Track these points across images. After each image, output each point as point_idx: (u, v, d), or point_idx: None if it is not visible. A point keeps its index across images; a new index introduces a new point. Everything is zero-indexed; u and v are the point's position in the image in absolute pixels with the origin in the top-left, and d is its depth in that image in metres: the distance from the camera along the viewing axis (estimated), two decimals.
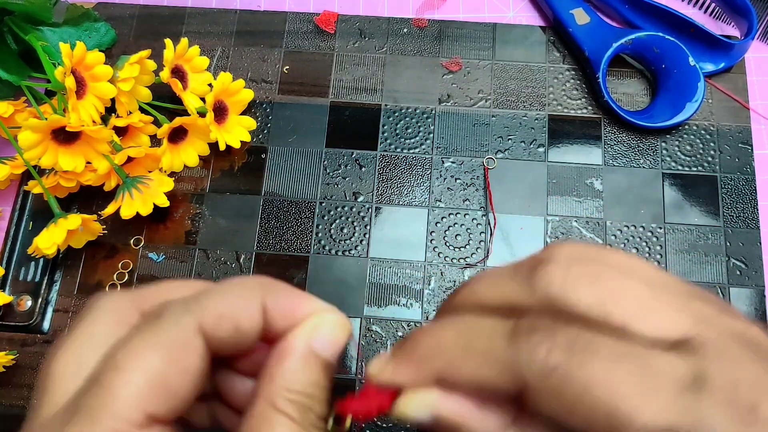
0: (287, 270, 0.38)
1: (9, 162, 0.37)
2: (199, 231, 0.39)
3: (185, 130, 0.38)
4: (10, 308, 0.37)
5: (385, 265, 0.38)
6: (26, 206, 0.39)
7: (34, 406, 0.18)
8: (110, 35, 0.43)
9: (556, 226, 0.38)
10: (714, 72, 0.40)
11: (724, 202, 0.38)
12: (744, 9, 0.39)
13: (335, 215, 0.39)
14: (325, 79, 0.42)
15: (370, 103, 0.41)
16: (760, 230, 0.38)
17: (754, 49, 0.42)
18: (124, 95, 0.37)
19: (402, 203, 0.39)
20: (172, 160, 0.38)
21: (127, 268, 0.38)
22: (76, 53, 0.34)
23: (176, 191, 0.39)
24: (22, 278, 0.38)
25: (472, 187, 0.39)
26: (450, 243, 0.38)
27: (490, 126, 0.40)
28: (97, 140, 0.35)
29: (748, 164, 0.39)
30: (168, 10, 0.44)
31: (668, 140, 0.40)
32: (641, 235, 0.38)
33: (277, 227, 0.39)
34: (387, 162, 0.40)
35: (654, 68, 0.40)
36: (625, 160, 0.39)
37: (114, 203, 0.36)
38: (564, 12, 0.41)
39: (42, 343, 0.37)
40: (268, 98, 0.42)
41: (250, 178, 0.40)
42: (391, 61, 0.42)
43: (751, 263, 0.37)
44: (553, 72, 0.42)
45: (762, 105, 0.41)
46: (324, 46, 0.43)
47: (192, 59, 0.39)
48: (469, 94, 0.41)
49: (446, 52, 0.42)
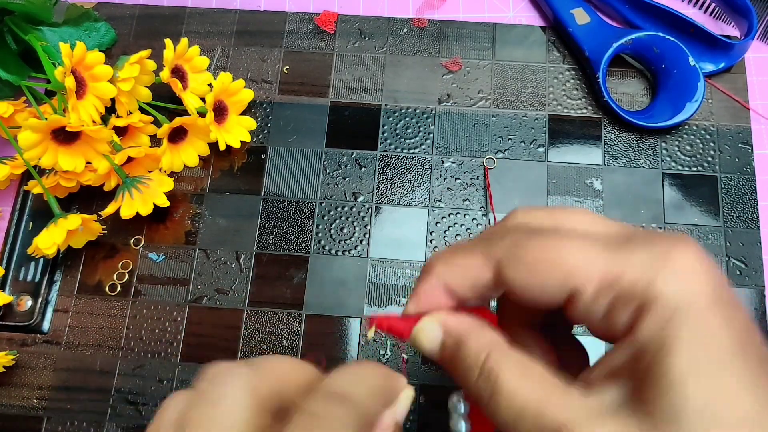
0: (287, 270, 0.38)
1: (9, 162, 0.37)
2: (199, 231, 0.39)
3: (185, 130, 0.38)
4: (10, 308, 0.37)
5: (385, 265, 0.38)
6: (26, 206, 0.39)
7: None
8: (110, 35, 0.43)
9: None
10: (714, 72, 0.40)
11: (724, 202, 0.38)
12: (744, 9, 0.39)
13: (335, 215, 0.39)
14: (325, 79, 0.42)
15: (370, 103, 0.41)
16: (760, 230, 0.38)
17: (754, 49, 0.42)
18: (124, 95, 0.37)
19: (402, 203, 0.39)
20: (172, 160, 0.38)
21: (127, 268, 0.38)
22: (76, 53, 0.34)
23: (176, 191, 0.39)
24: (22, 278, 0.38)
25: (472, 187, 0.39)
26: (450, 243, 0.38)
27: (490, 126, 0.40)
28: (97, 140, 0.35)
29: (748, 164, 0.39)
30: (168, 10, 0.44)
31: (668, 140, 0.40)
32: None
33: (277, 227, 0.39)
34: (387, 162, 0.40)
35: (654, 68, 0.40)
36: (625, 160, 0.39)
37: (114, 203, 0.36)
38: (564, 12, 0.41)
39: (42, 343, 0.37)
40: (268, 98, 0.42)
41: (250, 178, 0.40)
42: (391, 61, 0.42)
43: (751, 263, 0.37)
44: (553, 72, 0.42)
45: (762, 105, 0.41)
46: (324, 46, 0.43)
47: (192, 59, 0.39)
48: (469, 94, 0.41)
49: (446, 52, 0.42)
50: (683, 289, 0.17)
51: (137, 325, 0.37)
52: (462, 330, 0.21)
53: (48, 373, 0.36)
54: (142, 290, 0.38)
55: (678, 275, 0.17)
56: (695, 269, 0.17)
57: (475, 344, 0.20)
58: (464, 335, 0.20)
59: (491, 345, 0.20)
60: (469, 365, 0.20)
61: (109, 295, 0.38)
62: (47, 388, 0.36)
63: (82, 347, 0.37)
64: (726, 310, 0.17)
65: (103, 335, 0.37)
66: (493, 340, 0.20)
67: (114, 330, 0.37)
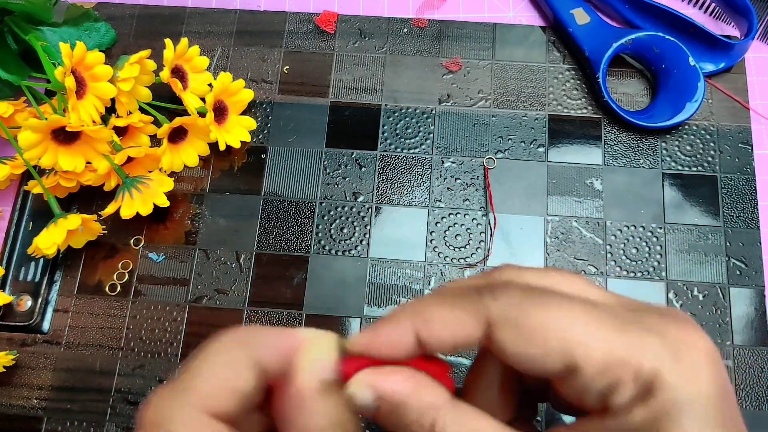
0: (287, 270, 0.38)
1: (9, 162, 0.37)
2: (199, 231, 0.39)
3: (185, 130, 0.38)
4: (10, 308, 0.37)
5: (385, 265, 0.38)
6: (26, 206, 0.39)
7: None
8: (110, 35, 0.43)
9: (556, 226, 0.38)
10: (714, 72, 0.40)
11: (724, 202, 0.38)
12: (744, 9, 0.39)
13: (335, 215, 0.39)
14: (325, 79, 0.42)
15: (370, 103, 0.41)
16: (760, 230, 0.38)
17: (754, 49, 0.42)
18: (124, 95, 0.37)
19: (402, 203, 0.39)
20: (172, 160, 0.38)
21: (127, 268, 0.38)
22: (76, 53, 0.34)
23: (176, 191, 0.39)
24: (22, 278, 0.38)
25: (472, 187, 0.39)
26: (450, 243, 0.38)
27: (490, 126, 0.40)
28: (97, 140, 0.35)
29: (748, 164, 0.39)
30: (168, 10, 0.44)
31: (668, 140, 0.40)
32: (641, 235, 0.38)
33: (277, 227, 0.39)
34: (387, 162, 0.40)
35: (654, 68, 0.40)
36: (625, 160, 0.39)
37: (114, 203, 0.36)
38: (564, 12, 0.41)
39: (42, 343, 0.37)
40: (268, 98, 0.42)
41: (250, 178, 0.40)
42: (391, 61, 0.42)
43: (751, 263, 0.37)
44: (553, 72, 0.42)
45: (762, 105, 0.41)
46: (324, 46, 0.43)
47: (192, 59, 0.39)
48: (469, 94, 0.41)
49: (446, 52, 0.42)
50: (690, 385, 0.17)
51: (137, 325, 0.37)
52: (400, 393, 0.18)
53: (48, 373, 0.36)
54: (142, 290, 0.38)
55: (687, 368, 0.17)
56: (704, 366, 0.17)
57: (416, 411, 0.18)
58: (403, 400, 0.18)
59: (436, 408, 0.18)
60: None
61: (109, 295, 0.38)
62: (47, 388, 0.36)
63: (82, 347, 0.37)
64: (729, 411, 0.17)
65: (103, 335, 0.37)
66: (437, 401, 0.18)
67: (114, 330, 0.37)
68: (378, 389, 0.18)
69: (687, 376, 0.17)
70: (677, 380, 0.16)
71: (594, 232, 0.38)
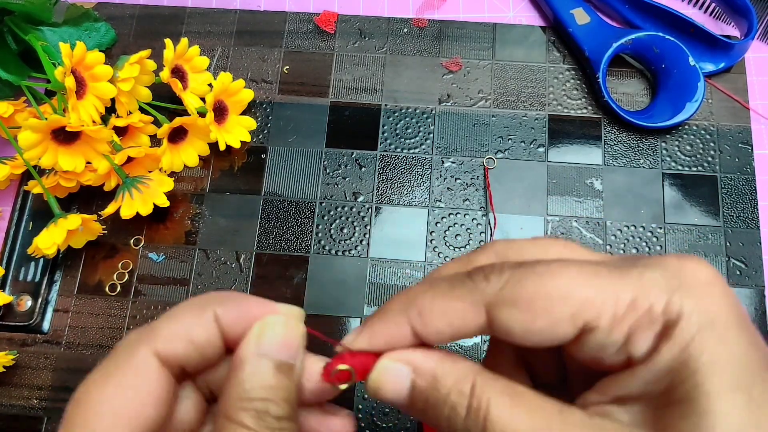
0: (287, 270, 0.38)
1: (9, 162, 0.37)
2: (199, 231, 0.39)
3: (185, 130, 0.38)
4: (10, 308, 0.37)
5: (385, 265, 0.38)
6: (26, 206, 0.39)
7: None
8: (110, 35, 0.43)
9: (556, 226, 0.38)
10: (714, 72, 0.40)
11: (724, 202, 0.38)
12: (744, 9, 0.39)
13: (335, 215, 0.39)
14: (325, 79, 0.42)
15: (370, 103, 0.41)
16: (760, 230, 0.38)
17: (754, 49, 0.42)
18: (124, 95, 0.37)
19: (402, 203, 0.39)
20: (172, 160, 0.38)
21: (127, 268, 0.38)
22: (76, 53, 0.34)
23: (176, 191, 0.39)
24: (22, 278, 0.38)
25: (472, 187, 0.39)
26: (450, 243, 0.38)
27: (490, 126, 0.40)
28: (97, 140, 0.35)
29: (748, 164, 0.39)
30: (168, 10, 0.44)
31: (668, 140, 0.40)
32: (641, 235, 0.38)
33: (277, 227, 0.39)
34: (387, 162, 0.40)
35: (654, 68, 0.40)
36: (625, 160, 0.39)
37: (114, 203, 0.36)
38: (564, 12, 0.41)
39: (42, 343, 0.37)
40: (268, 98, 0.42)
41: (250, 178, 0.40)
42: (391, 61, 0.42)
43: (751, 263, 0.37)
44: (553, 72, 0.42)
45: (762, 105, 0.41)
46: (324, 46, 0.43)
47: (192, 59, 0.39)
48: (469, 94, 0.41)
49: (446, 52, 0.42)
50: (704, 307, 0.16)
51: (137, 325, 0.37)
52: (434, 364, 0.18)
53: (48, 373, 0.36)
54: (142, 290, 0.38)
55: (696, 292, 0.16)
56: (712, 285, 0.16)
57: (453, 378, 0.17)
58: (438, 370, 0.18)
59: (473, 374, 0.17)
60: (451, 404, 0.17)
61: (109, 295, 0.38)
62: (47, 388, 0.36)
63: (82, 347, 0.37)
64: (749, 329, 0.16)
65: (103, 335, 0.37)
66: (473, 367, 0.18)
67: (114, 330, 0.37)
68: (412, 362, 0.18)
69: (699, 301, 0.16)
70: (692, 307, 0.16)
71: (594, 232, 0.38)
